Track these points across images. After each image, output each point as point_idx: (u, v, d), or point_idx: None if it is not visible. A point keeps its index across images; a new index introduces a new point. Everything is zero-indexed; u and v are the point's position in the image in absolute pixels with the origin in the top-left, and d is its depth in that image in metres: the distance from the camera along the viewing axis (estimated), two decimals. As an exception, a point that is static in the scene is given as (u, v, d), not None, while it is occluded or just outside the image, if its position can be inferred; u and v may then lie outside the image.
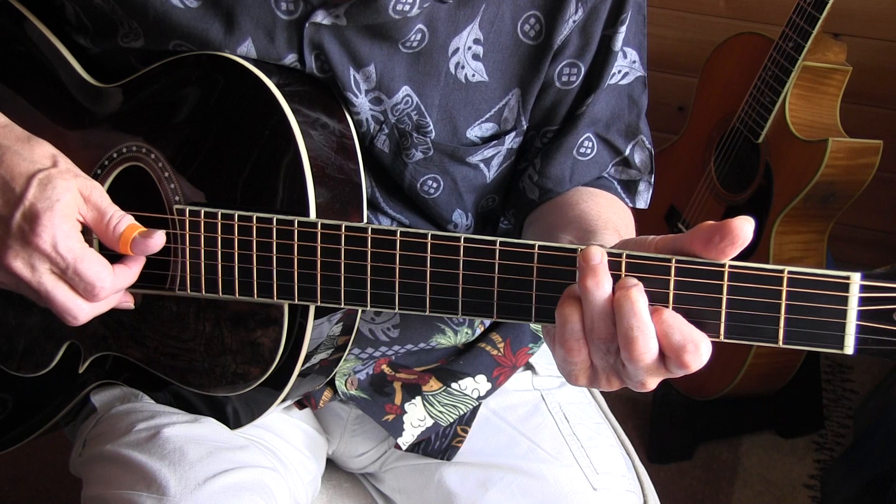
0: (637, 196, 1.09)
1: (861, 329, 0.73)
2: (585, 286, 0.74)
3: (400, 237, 0.82)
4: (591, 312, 0.74)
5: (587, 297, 0.74)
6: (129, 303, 0.93)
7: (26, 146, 0.87)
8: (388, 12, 0.89)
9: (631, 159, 1.07)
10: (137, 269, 0.89)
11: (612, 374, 0.77)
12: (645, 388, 0.76)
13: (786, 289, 0.73)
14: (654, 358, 0.73)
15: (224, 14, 0.91)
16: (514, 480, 1.06)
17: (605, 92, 1.02)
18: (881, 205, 2.33)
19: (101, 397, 1.07)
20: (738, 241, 0.71)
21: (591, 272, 0.74)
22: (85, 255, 0.84)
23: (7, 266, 0.84)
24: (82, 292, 0.85)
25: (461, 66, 0.96)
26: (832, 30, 1.86)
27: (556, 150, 1.02)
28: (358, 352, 1.06)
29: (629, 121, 1.06)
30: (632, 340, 0.72)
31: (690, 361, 0.73)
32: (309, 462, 1.12)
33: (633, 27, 1.00)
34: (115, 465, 0.98)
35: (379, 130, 0.97)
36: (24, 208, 0.83)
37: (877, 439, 1.88)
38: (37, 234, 0.83)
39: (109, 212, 0.86)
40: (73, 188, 0.85)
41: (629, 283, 0.74)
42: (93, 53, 0.99)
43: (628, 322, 0.72)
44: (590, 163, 1.04)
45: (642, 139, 1.07)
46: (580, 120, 1.02)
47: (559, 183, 1.04)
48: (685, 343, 0.72)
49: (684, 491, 2.04)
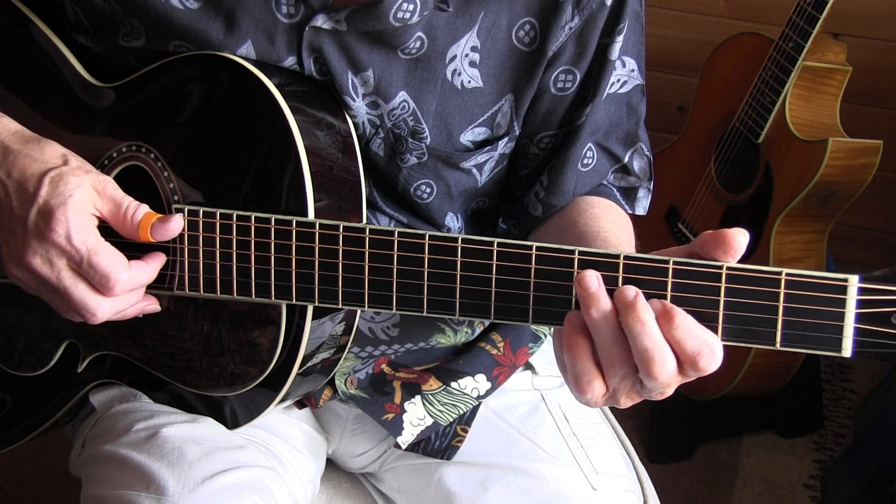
0: (636, 203, 1.09)
1: (859, 332, 0.73)
2: (591, 317, 0.74)
3: (398, 238, 0.82)
4: (603, 342, 0.75)
5: (595, 328, 0.75)
6: (153, 305, 0.93)
7: (36, 148, 0.88)
8: (389, 19, 0.89)
9: (630, 166, 1.07)
10: (156, 266, 0.89)
11: (631, 392, 0.77)
12: (664, 397, 0.77)
13: (783, 291, 0.73)
14: (674, 372, 0.74)
15: (224, 16, 0.91)
16: (514, 480, 1.06)
17: (604, 101, 1.02)
18: (881, 205, 2.33)
19: (100, 397, 1.07)
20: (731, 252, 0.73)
21: (594, 301, 0.74)
22: (99, 247, 0.85)
23: (27, 264, 0.85)
24: (98, 285, 0.86)
25: (458, 72, 0.96)
26: (832, 30, 1.86)
27: (562, 165, 1.03)
28: (357, 350, 1.06)
29: (628, 128, 1.06)
30: (649, 361, 0.73)
31: (707, 366, 0.74)
32: (308, 462, 1.12)
33: (630, 36, 1.00)
34: (114, 465, 0.99)
35: (374, 134, 0.97)
36: (39, 206, 0.85)
37: (877, 439, 1.88)
38: (51, 228, 0.84)
39: (125, 203, 0.87)
40: (85, 184, 0.85)
41: (628, 297, 0.74)
42: (93, 53, 0.99)
43: (642, 345, 0.73)
44: (591, 172, 1.05)
45: (641, 147, 1.08)
46: (581, 131, 1.02)
47: (563, 197, 1.04)
48: (700, 349, 0.73)
49: (684, 491, 2.04)
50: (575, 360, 0.76)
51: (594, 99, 1.00)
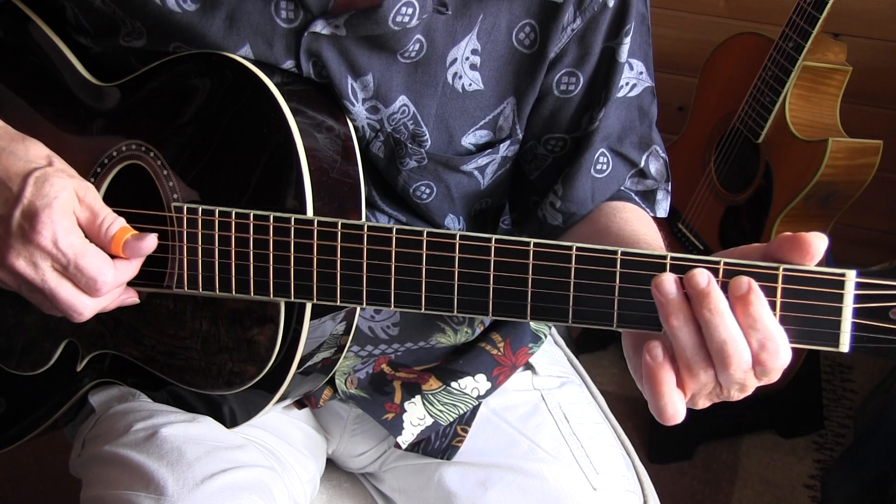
0: (656, 205, 1.09)
1: (857, 327, 0.73)
2: (671, 325, 0.73)
3: (396, 235, 0.82)
4: (684, 350, 0.73)
5: (676, 335, 0.73)
6: (132, 298, 0.93)
7: (21, 146, 0.87)
8: (388, 23, 0.89)
9: (647, 170, 1.07)
10: (138, 263, 0.89)
11: (711, 395, 0.76)
12: (743, 395, 0.76)
13: (781, 286, 0.73)
14: (748, 366, 0.73)
15: (223, 18, 0.91)
16: (514, 480, 1.05)
17: (615, 105, 1.01)
18: (881, 205, 2.33)
19: (99, 397, 1.07)
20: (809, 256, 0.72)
21: (673, 308, 0.73)
22: (86, 251, 0.84)
23: (10, 265, 0.84)
24: (85, 287, 0.85)
25: (458, 76, 0.96)
26: (832, 30, 1.86)
27: (576, 172, 1.02)
28: (357, 349, 1.06)
29: (641, 132, 1.05)
30: (725, 357, 0.72)
31: (771, 363, 0.74)
32: (308, 461, 1.12)
33: (637, 38, 1.00)
34: (114, 466, 0.98)
35: (374, 137, 0.97)
36: (23, 206, 0.83)
37: (877, 439, 1.88)
38: (37, 231, 0.83)
39: (102, 214, 0.87)
40: (69, 186, 0.85)
41: (701, 283, 0.72)
42: (94, 53, 0.99)
43: (720, 337, 0.72)
44: (607, 179, 1.04)
45: (656, 149, 1.07)
46: (593, 136, 1.01)
47: (582, 205, 1.04)
48: (765, 342, 0.73)
49: (684, 491, 2.04)
50: (661, 394, 0.74)
51: (606, 103, 1.00)
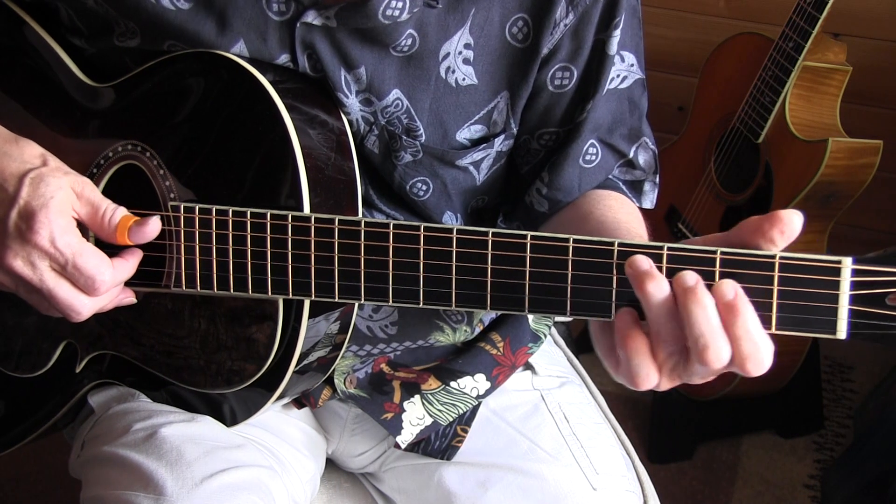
0: (643, 196, 1.09)
1: (853, 313, 0.73)
2: (646, 293, 0.73)
3: (393, 230, 0.82)
4: (657, 317, 0.74)
5: (649, 304, 0.74)
6: (130, 298, 0.93)
7: (15, 147, 0.87)
8: (378, 17, 0.89)
9: (635, 161, 1.07)
10: (135, 262, 0.89)
11: (673, 374, 0.76)
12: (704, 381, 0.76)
13: (777, 274, 0.73)
14: (726, 363, 0.72)
15: (216, 15, 0.91)
16: (514, 480, 1.05)
17: (605, 97, 1.01)
18: (881, 205, 2.33)
19: (98, 398, 1.07)
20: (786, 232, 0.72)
21: (648, 277, 0.73)
22: (83, 250, 0.84)
23: (8, 266, 0.84)
24: (83, 287, 0.85)
25: (452, 70, 0.96)
26: (832, 30, 1.86)
27: (563, 161, 1.02)
28: (356, 349, 1.06)
29: (631, 124, 1.05)
30: (704, 347, 0.71)
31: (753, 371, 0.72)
32: (307, 461, 1.12)
33: (627, 30, 1.00)
34: (113, 466, 0.98)
35: (369, 132, 0.97)
36: (20, 207, 0.83)
37: (877, 439, 1.88)
38: (34, 231, 0.83)
39: (103, 205, 0.87)
40: (65, 185, 0.85)
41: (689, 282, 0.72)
42: (88, 54, 0.99)
43: (699, 329, 0.72)
44: (595, 169, 1.04)
45: (645, 141, 1.07)
46: (582, 127, 1.01)
47: (569, 193, 1.04)
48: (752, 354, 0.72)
49: (684, 491, 2.04)
50: (633, 355, 0.74)
51: (595, 95, 1.00)
